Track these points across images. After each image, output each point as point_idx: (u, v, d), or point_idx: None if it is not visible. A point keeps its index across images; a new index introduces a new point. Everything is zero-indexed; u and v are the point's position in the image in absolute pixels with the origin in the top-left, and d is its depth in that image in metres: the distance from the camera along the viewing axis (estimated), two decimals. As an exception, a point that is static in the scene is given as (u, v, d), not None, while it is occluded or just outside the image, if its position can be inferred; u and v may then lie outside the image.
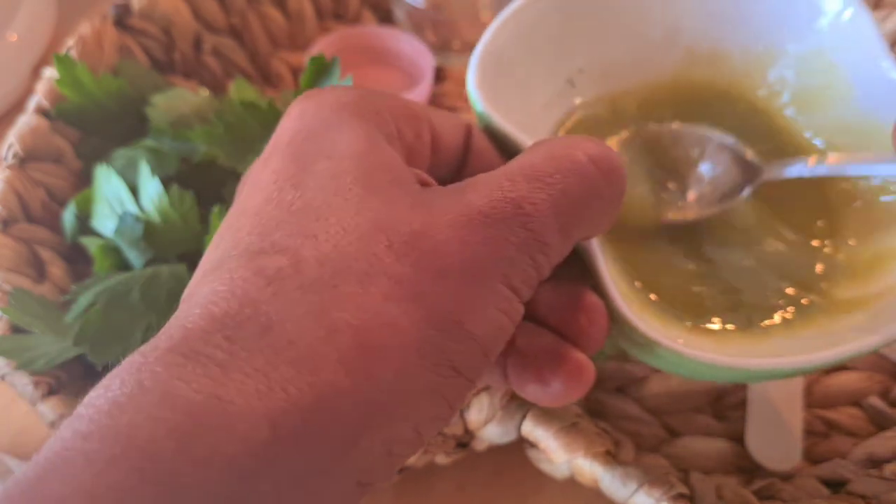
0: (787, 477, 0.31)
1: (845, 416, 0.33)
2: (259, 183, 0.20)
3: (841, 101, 0.30)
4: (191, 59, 0.43)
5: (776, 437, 0.32)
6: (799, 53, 0.31)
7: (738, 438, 0.33)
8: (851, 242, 0.28)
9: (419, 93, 0.44)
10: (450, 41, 0.46)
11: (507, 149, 0.25)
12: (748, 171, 0.27)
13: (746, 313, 0.27)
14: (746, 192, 0.27)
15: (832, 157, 0.25)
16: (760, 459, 0.32)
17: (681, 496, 0.26)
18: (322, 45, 0.46)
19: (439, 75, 0.47)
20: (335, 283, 0.17)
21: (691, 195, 0.28)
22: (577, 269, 0.24)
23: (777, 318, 0.27)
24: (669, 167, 0.29)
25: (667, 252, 0.28)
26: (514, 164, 0.20)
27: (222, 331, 0.16)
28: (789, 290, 0.28)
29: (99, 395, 0.16)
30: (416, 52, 0.46)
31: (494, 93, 0.26)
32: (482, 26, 0.46)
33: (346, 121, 0.20)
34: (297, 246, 0.17)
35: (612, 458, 0.28)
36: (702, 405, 0.34)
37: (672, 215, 0.28)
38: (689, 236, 0.28)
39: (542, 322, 0.23)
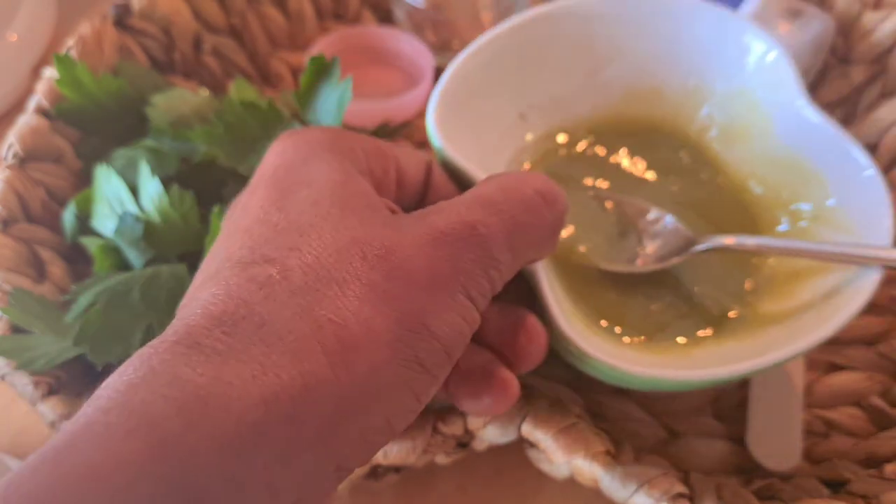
0: (787, 477, 0.31)
1: (845, 416, 0.33)
2: (247, 208, 0.22)
3: (761, 136, 0.33)
4: (191, 60, 0.43)
5: (776, 438, 0.32)
6: (726, 92, 0.34)
7: (738, 439, 0.33)
8: (771, 262, 0.32)
9: (419, 92, 0.44)
10: (450, 41, 0.46)
11: (462, 181, 0.28)
12: (685, 241, 0.31)
13: (685, 326, 0.31)
14: (680, 257, 0.31)
15: (752, 240, 0.30)
16: (760, 459, 0.32)
17: (680, 496, 0.26)
18: (322, 45, 0.46)
19: (439, 75, 0.47)
20: (318, 288, 0.19)
21: (640, 252, 0.32)
22: (524, 294, 0.27)
23: (709, 329, 0.31)
24: (620, 228, 0.33)
25: (617, 278, 0.32)
26: (470, 193, 0.23)
27: (220, 327, 0.18)
28: (722, 303, 0.32)
29: (115, 380, 0.18)
30: (416, 52, 0.46)
31: (453, 129, 0.29)
32: (482, 26, 0.46)
33: (322, 156, 0.23)
34: (283, 257, 0.20)
35: (611, 458, 0.28)
36: (702, 405, 0.34)
37: (617, 267, 0.32)
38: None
39: (486, 342, 0.26)
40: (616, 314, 0.31)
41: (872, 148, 0.39)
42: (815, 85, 0.42)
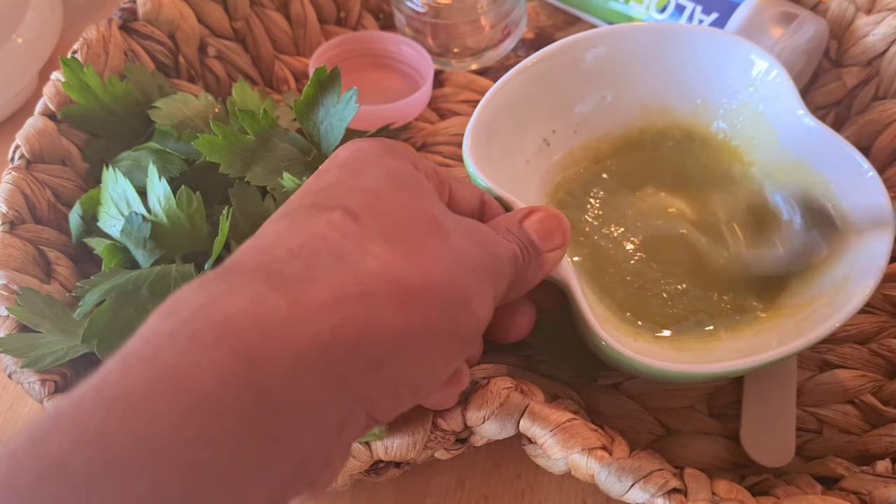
0: (780, 473, 0.32)
1: (838, 413, 0.34)
2: (320, 179, 0.24)
3: (767, 146, 0.36)
4: (195, 63, 0.44)
5: (770, 435, 0.33)
6: (732, 107, 0.37)
7: (733, 436, 0.33)
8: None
9: (420, 97, 0.45)
10: (450, 46, 0.47)
11: (506, 207, 0.31)
12: None
13: (705, 322, 0.33)
14: None
15: None
16: (754, 456, 0.32)
17: (675, 491, 0.27)
18: (324, 50, 0.47)
19: (439, 79, 0.48)
20: (388, 240, 0.21)
21: None
22: (557, 296, 0.30)
23: (726, 324, 0.33)
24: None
25: (644, 275, 0.35)
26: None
27: (299, 258, 0.20)
28: (745, 298, 0.34)
29: (193, 294, 0.19)
30: (417, 57, 0.47)
31: (485, 157, 0.33)
32: (482, 31, 0.47)
33: (393, 153, 0.25)
34: (358, 210, 0.22)
35: (607, 454, 0.28)
36: (697, 403, 0.35)
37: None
38: (665, 265, 0.35)
39: None
40: (643, 311, 0.34)
41: (865, 150, 0.40)
42: (809, 88, 0.43)
